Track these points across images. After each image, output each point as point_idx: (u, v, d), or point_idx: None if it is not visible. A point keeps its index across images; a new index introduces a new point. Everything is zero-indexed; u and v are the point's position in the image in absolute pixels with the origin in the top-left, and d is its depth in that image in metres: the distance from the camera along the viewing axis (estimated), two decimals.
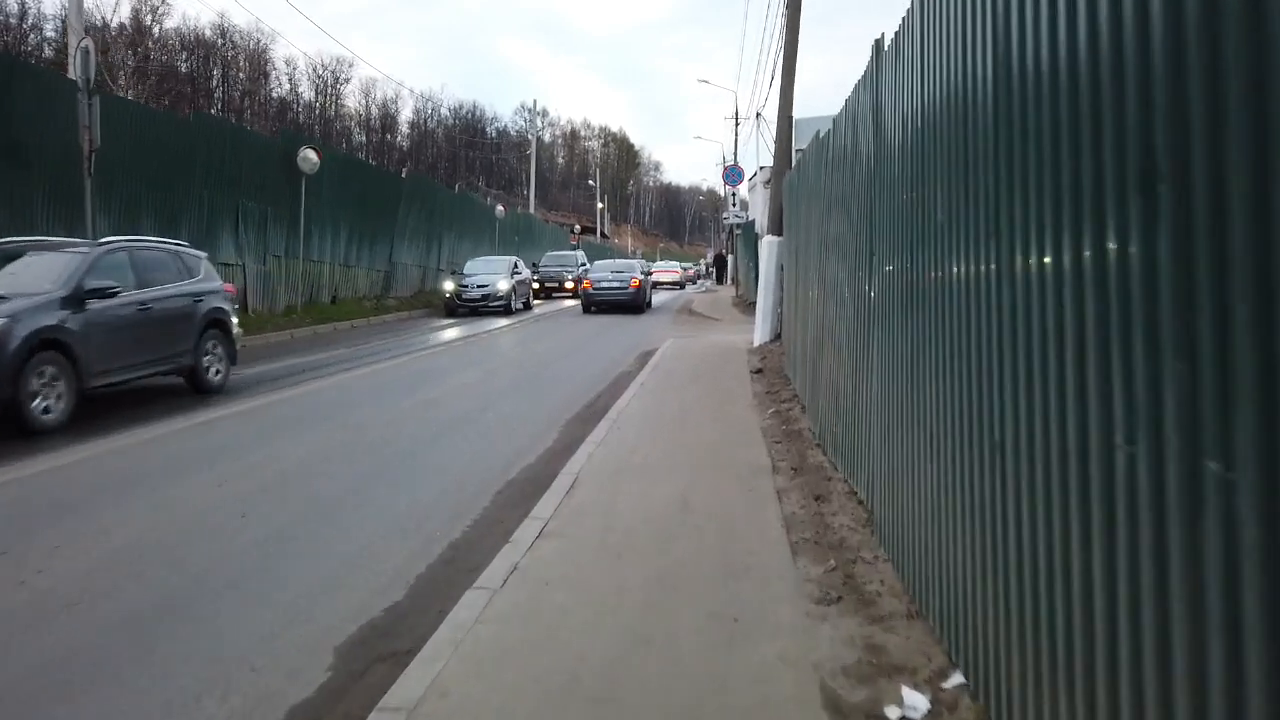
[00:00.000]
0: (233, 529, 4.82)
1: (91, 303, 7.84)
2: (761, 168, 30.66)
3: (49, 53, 52.85)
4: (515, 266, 24.22)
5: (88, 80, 12.48)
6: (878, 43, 4.27)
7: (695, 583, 3.71)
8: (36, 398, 7.14)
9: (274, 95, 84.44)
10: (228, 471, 6.05)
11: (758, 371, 10.22)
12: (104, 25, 54.71)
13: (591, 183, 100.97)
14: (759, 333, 13.02)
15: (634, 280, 23.25)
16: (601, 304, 22.94)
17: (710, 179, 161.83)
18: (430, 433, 7.52)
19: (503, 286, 22.50)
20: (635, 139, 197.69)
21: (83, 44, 12.91)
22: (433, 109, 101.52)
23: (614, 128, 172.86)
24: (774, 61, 36.37)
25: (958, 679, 2.75)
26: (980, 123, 2.46)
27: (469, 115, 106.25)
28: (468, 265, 24.65)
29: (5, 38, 56.05)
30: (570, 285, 29.51)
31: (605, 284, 23.16)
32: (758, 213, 29.30)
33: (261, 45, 79.06)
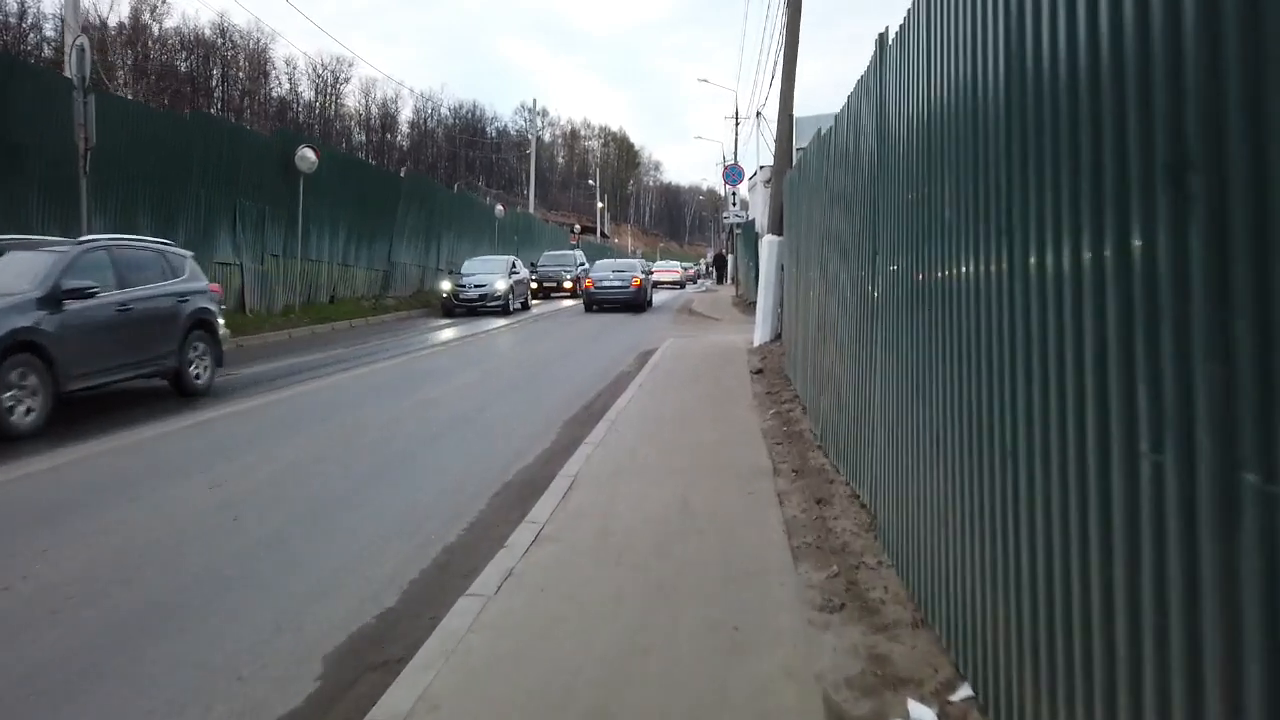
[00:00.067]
0: (224, 533, 4.73)
1: (69, 303, 7.62)
2: (761, 167, 30.56)
3: (48, 52, 52.71)
4: (513, 266, 24.10)
5: (83, 78, 12.39)
6: (881, 37, 4.19)
7: (694, 589, 3.62)
8: (10, 401, 6.93)
9: (274, 95, 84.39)
10: (221, 474, 5.96)
11: (758, 372, 10.13)
12: (102, 25, 54.66)
13: (591, 182, 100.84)
14: (759, 332, 12.94)
15: (635, 279, 23.56)
16: (603, 302, 23.11)
17: (710, 179, 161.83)
18: (426, 434, 7.43)
19: (500, 286, 22.39)
20: (635, 139, 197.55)
21: (78, 41, 12.82)
22: (433, 109, 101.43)
23: (614, 127, 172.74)
24: (774, 61, 36.29)
25: (966, 691, 2.66)
26: (991, 114, 2.37)
27: (469, 115, 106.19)
28: (465, 265, 24.52)
29: (5, 37, 56.03)
30: (569, 285, 29.44)
31: (607, 283, 23.39)
32: (758, 212, 29.21)
33: (261, 45, 79.14)
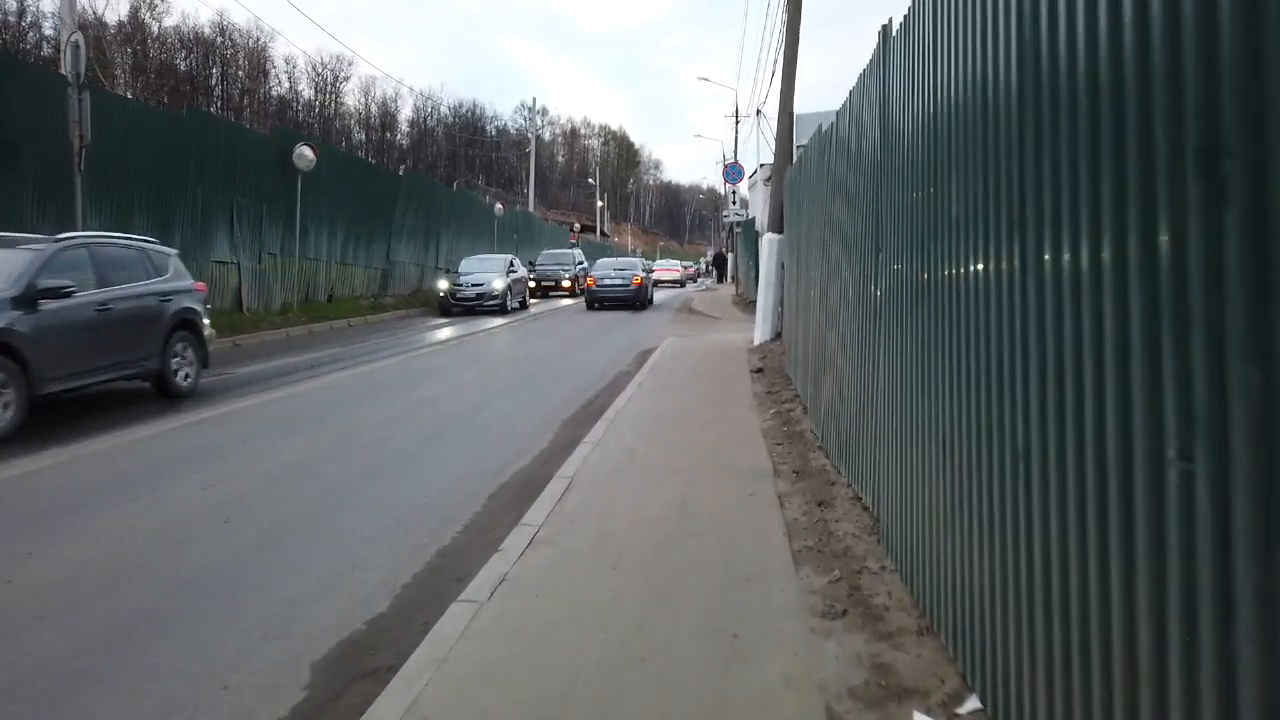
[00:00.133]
0: (214, 536, 4.64)
1: (45, 303, 7.40)
2: (761, 165, 30.41)
3: (48, 50, 52.60)
4: (511, 265, 23.97)
5: (78, 75, 12.28)
6: (884, 29, 4.09)
7: (693, 595, 3.53)
8: None
9: (273, 94, 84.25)
10: (213, 475, 5.87)
11: (758, 371, 10.04)
12: (101, 23, 54.52)
13: (591, 181, 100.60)
14: (759, 331, 12.85)
15: (636, 278, 23.70)
16: (605, 299, 23.25)
17: (710, 177, 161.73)
18: (423, 434, 7.34)
19: (498, 285, 22.26)
20: (635, 137, 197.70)
21: (73, 38, 12.72)
22: (432, 107, 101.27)
23: (614, 126, 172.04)
24: (774, 59, 36.20)
25: (973, 704, 2.57)
26: (1003, 100, 2.27)
27: (469, 114, 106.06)
28: (463, 264, 24.35)
29: (4, 35, 55.91)
30: (567, 284, 29.33)
31: (609, 281, 23.55)
32: (758, 210, 29.09)
33: (261, 44, 79.02)
